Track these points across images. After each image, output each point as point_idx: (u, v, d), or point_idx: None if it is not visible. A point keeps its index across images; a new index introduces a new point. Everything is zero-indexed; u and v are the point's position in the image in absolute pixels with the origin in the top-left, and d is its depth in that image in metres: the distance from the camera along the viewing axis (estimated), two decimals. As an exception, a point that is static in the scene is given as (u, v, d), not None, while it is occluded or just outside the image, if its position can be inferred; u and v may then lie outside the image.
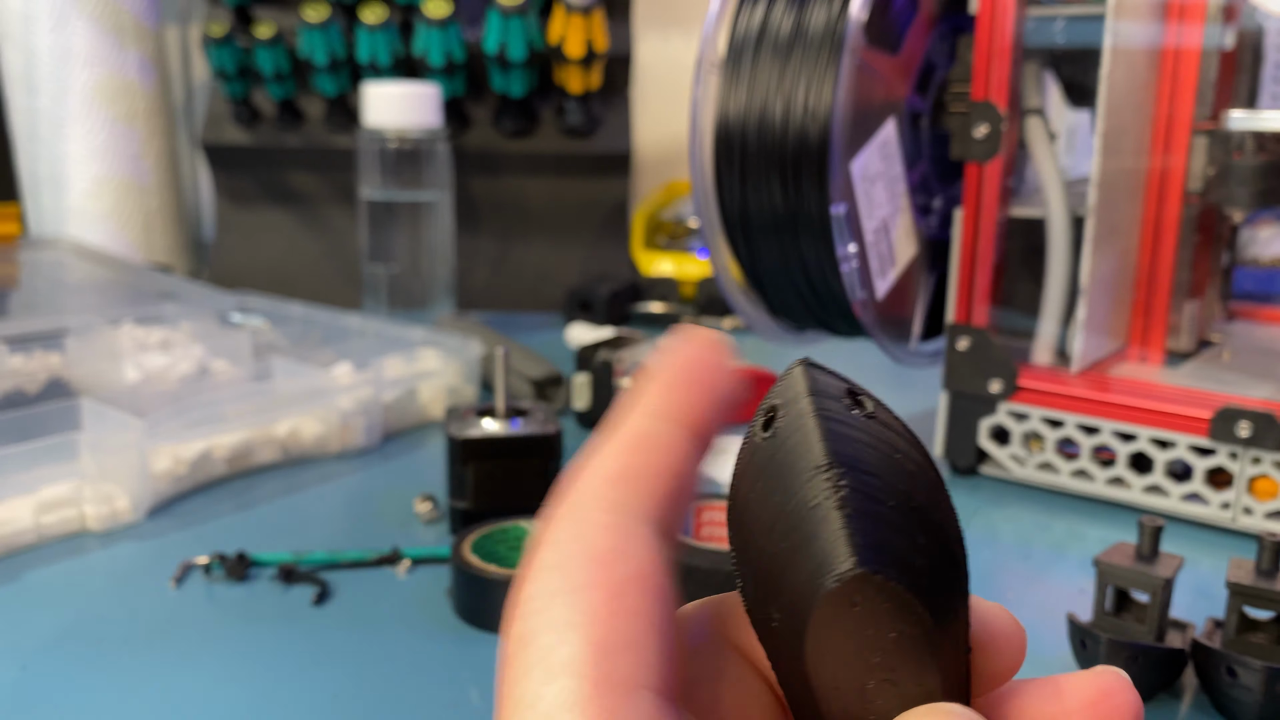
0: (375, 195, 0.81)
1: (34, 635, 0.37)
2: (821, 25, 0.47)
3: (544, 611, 0.15)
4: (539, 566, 0.16)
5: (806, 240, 0.49)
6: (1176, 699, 0.35)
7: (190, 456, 0.50)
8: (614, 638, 0.15)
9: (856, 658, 0.15)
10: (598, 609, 0.15)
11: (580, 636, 0.14)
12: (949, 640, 0.15)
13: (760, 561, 0.15)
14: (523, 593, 0.16)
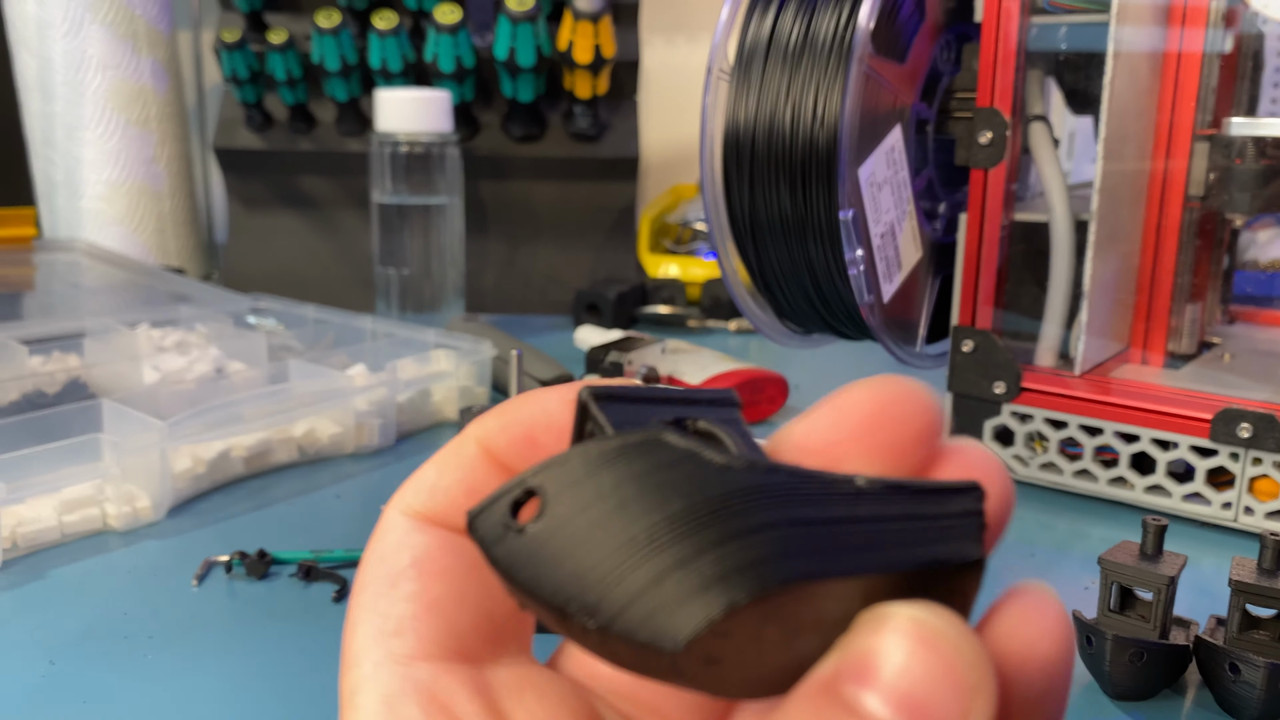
0: (387, 199, 0.82)
1: (61, 631, 0.38)
2: (830, 34, 0.48)
3: (350, 611, 0.18)
4: (358, 569, 0.18)
5: (814, 244, 0.50)
6: (1180, 695, 0.36)
7: (209, 456, 0.51)
8: (388, 625, 0.17)
9: (759, 660, 0.14)
10: (376, 602, 0.17)
11: (361, 630, 0.17)
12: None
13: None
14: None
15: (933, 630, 0.13)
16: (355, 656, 0.17)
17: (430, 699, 0.16)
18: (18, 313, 0.78)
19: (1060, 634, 0.15)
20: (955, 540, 0.15)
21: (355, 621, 0.17)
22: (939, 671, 0.12)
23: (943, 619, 0.13)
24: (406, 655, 0.16)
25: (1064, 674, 0.15)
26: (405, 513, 0.18)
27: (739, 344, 0.84)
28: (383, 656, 0.16)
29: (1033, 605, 0.16)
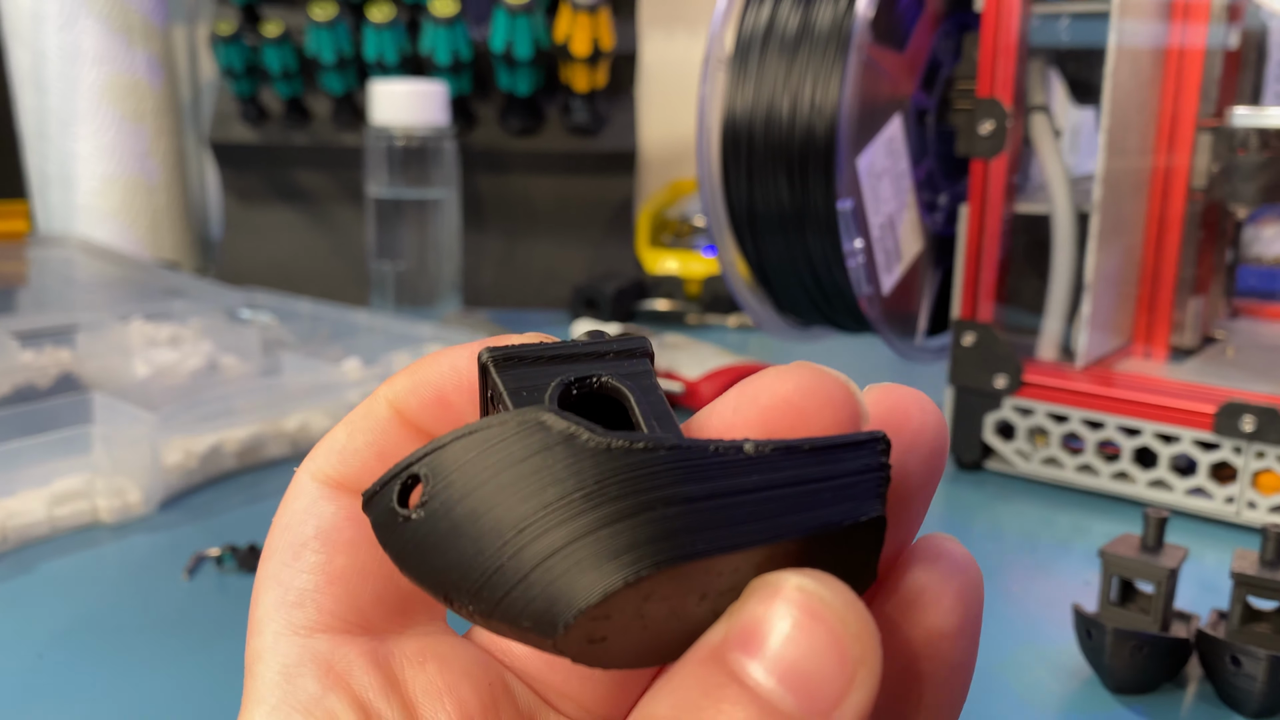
0: (383, 193, 0.81)
1: (50, 624, 0.38)
2: (828, 22, 0.48)
3: (257, 576, 0.17)
4: (268, 534, 0.18)
5: (813, 236, 0.49)
6: (1181, 688, 0.35)
7: (201, 450, 0.50)
8: (290, 595, 0.17)
9: (646, 637, 0.14)
10: (279, 572, 0.17)
11: (265, 599, 0.17)
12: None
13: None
14: None
15: (819, 600, 0.13)
16: (258, 624, 0.17)
17: (327, 671, 0.16)
18: (10, 307, 0.78)
19: (969, 599, 0.16)
20: (852, 500, 0.14)
21: (259, 589, 0.17)
22: (824, 643, 0.12)
23: (830, 589, 0.13)
24: (306, 627, 0.16)
25: (970, 639, 0.16)
26: (315, 477, 0.17)
27: (738, 340, 0.83)
28: (282, 627, 0.16)
29: (943, 567, 0.16)
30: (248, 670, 0.17)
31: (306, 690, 0.16)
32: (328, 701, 0.16)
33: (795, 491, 0.14)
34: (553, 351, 0.16)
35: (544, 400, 0.15)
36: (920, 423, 0.16)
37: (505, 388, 0.15)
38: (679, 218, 1.02)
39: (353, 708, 0.16)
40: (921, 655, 0.16)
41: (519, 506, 0.13)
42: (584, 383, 0.16)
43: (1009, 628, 0.39)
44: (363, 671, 0.16)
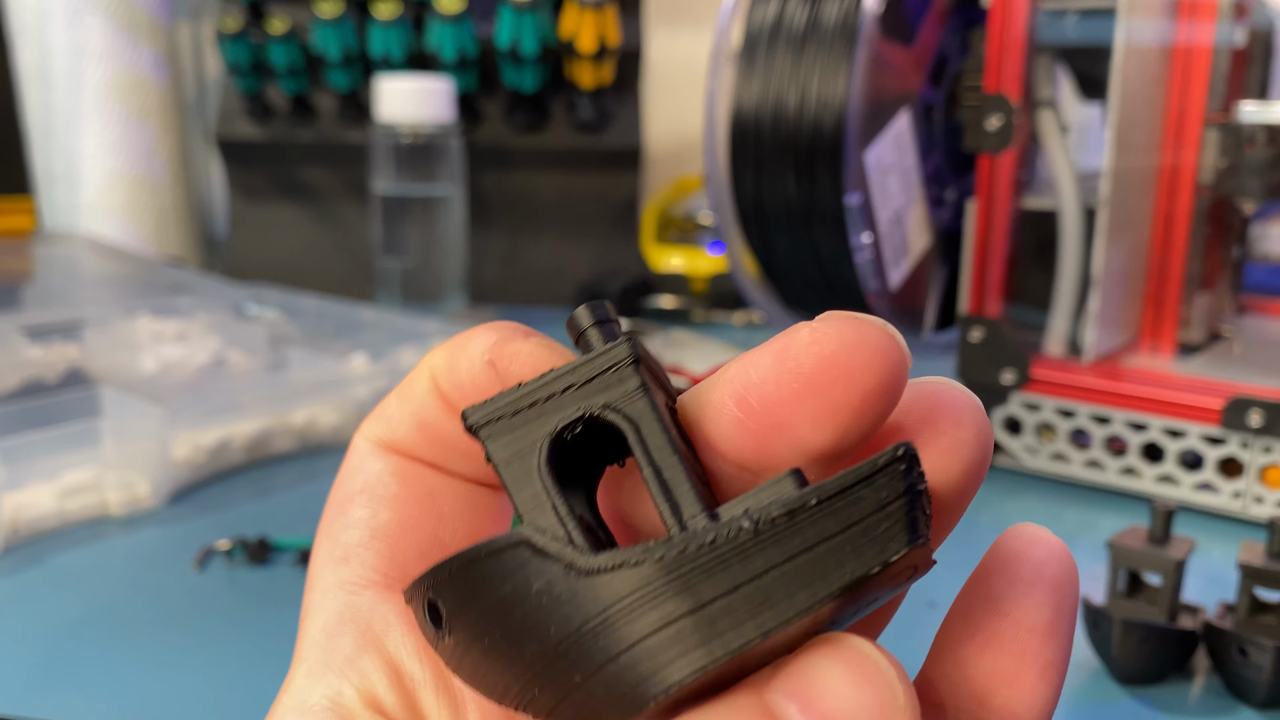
0: (389, 189, 0.81)
1: (61, 616, 0.38)
2: (836, 17, 0.48)
3: (316, 535, 0.18)
4: None
5: (821, 231, 0.49)
6: (1188, 679, 0.35)
7: (209, 444, 0.51)
8: (338, 550, 0.17)
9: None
10: (328, 528, 0.18)
11: (319, 554, 0.17)
12: None
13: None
14: None
15: (878, 674, 0.13)
16: (310, 580, 0.17)
17: (364, 630, 0.16)
18: (16, 303, 0.78)
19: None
20: (877, 542, 0.13)
21: (316, 544, 0.18)
22: (875, 712, 0.13)
23: (882, 657, 0.13)
24: (352, 582, 0.17)
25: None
26: (366, 438, 0.18)
27: (743, 337, 0.83)
28: (331, 583, 0.17)
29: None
30: (301, 623, 0.17)
31: (342, 650, 0.16)
32: (361, 662, 0.16)
33: (812, 556, 0.13)
34: (534, 396, 0.15)
35: (535, 464, 0.15)
36: (955, 433, 0.15)
37: (495, 459, 0.15)
38: (684, 215, 1.02)
39: (385, 669, 0.16)
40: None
41: (531, 646, 0.14)
42: (573, 427, 0.15)
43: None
44: (399, 632, 0.16)
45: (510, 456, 0.15)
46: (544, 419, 0.15)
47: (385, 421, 0.18)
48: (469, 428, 0.15)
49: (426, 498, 0.17)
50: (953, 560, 0.18)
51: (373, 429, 0.18)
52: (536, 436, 0.15)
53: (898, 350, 0.14)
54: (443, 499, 0.18)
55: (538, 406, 0.15)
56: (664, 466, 0.15)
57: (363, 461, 0.18)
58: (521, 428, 0.15)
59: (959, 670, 0.15)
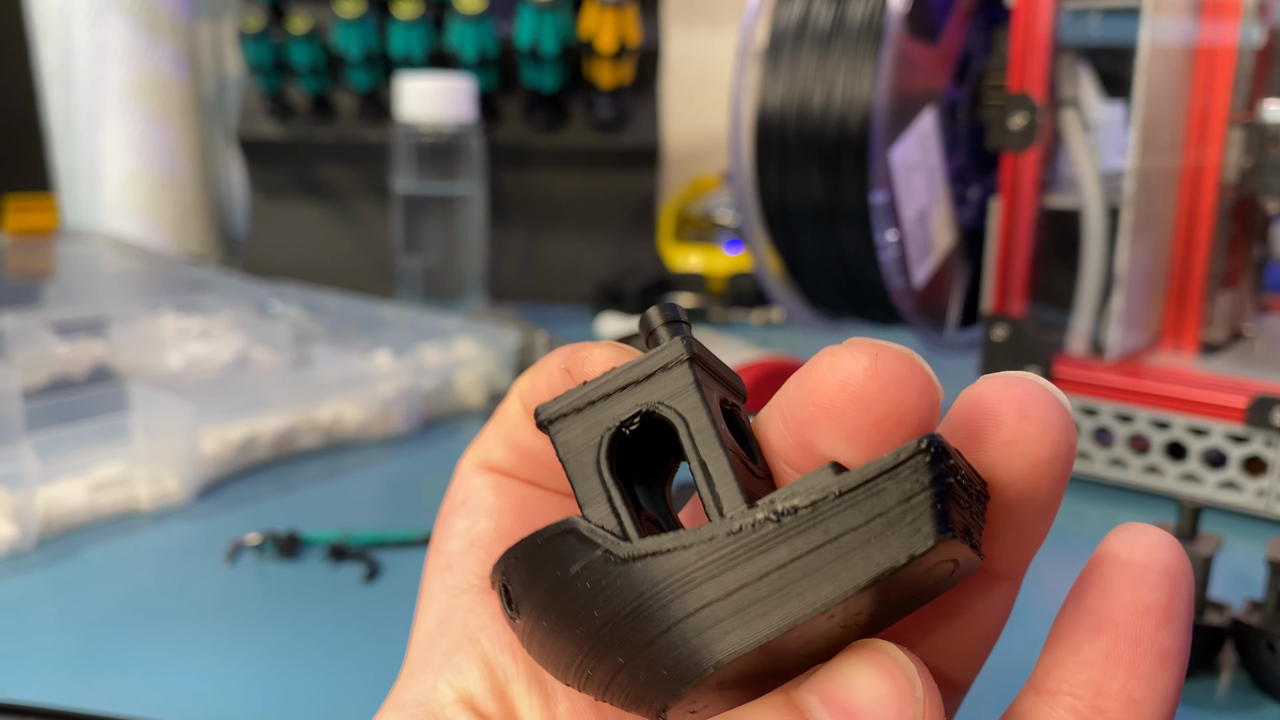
0: (409, 188, 0.82)
1: (93, 609, 0.38)
2: (862, 16, 0.48)
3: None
4: None
5: (846, 228, 0.49)
6: (1215, 676, 0.35)
7: (236, 440, 0.51)
8: (442, 558, 0.19)
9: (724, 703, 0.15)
10: (435, 539, 0.20)
11: (426, 568, 0.19)
12: None
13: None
14: None
15: (906, 681, 0.13)
16: (421, 590, 0.19)
17: (461, 630, 0.18)
18: (40, 301, 0.79)
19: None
20: (902, 534, 0.13)
21: (427, 555, 0.19)
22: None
23: (910, 663, 0.13)
24: (454, 588, 0.18)
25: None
26: (470, 462, 0.20)
27: (762, 335, 0.83)
28: (436, 589, 0.18)
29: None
30: (413, 625, 0.19)
31: (439, 649, 0.17)
32: (456, 659, 0.17)
33: (838, 547, 0.13)
34: (596, 393, 0.16)
35: (595, 457, 0.16)
36: (1017, 427, 0.14)
37: (561, 452, 0.16)
38: (702, 213, 1.02)
39: (479, 664, 0.17)
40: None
41: (579, 628, 0.14)
42: (630, 422, 0.16)
43: (1040, 619, 0.39)
44: (494, 630, 0.18)
45: (574, 450, 0.16)
46: (604, 414, 0.16)
47: (482, 445, 0.20)
48: (540, 423, 0.16)
49: (520, 507, 0.19)
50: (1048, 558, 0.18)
51: (473, 454, 0.20)
52: (597, 431, 0.16)
53: (916, 377, 0.14)
54: (535, 508, 0.19)
55: (599, 404, 0.16)
56: (709, 460, 0.15)
57: (464, 480, 0.20)
58: (585, 422, 0.16)
59: (1074, 656, 0.15)
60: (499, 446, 0.19)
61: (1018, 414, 0.14)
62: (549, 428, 0.16)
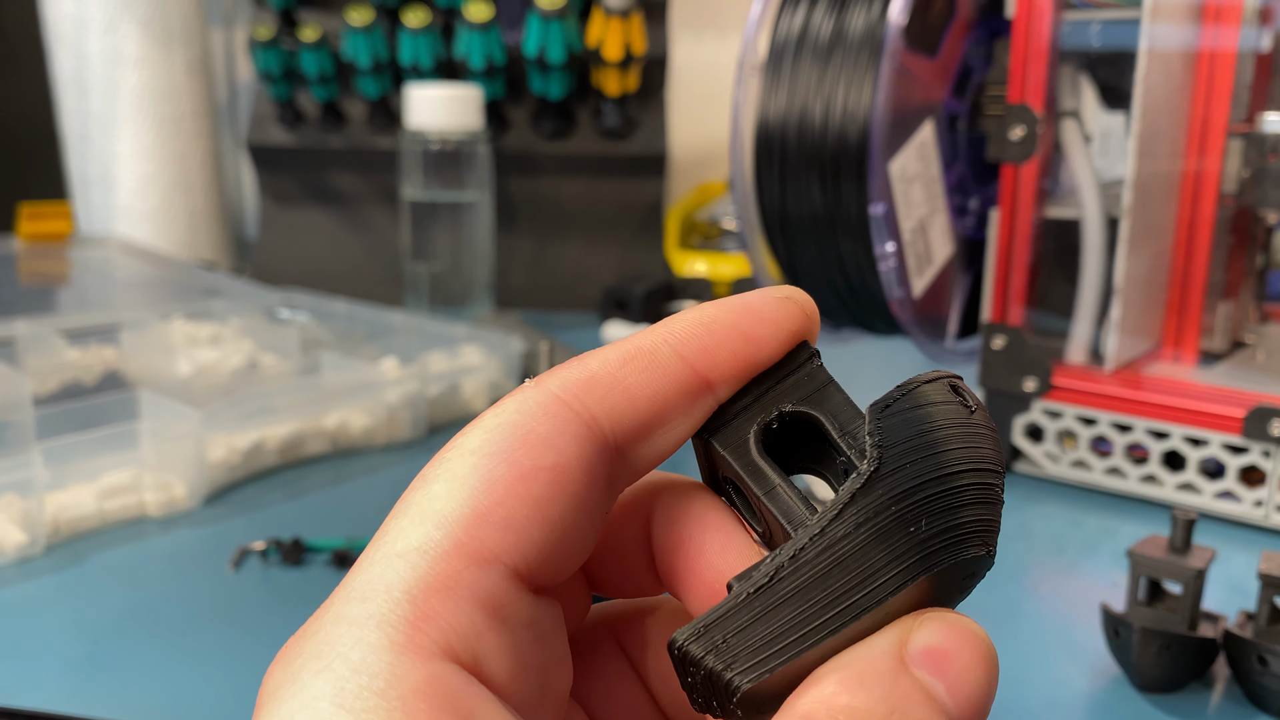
0: (417, 196, 0.82)
1: (101, 613, 0.39)
2: (861, 29, 0.49)
3: (452, 461, 0.16)
4: (477, 423, 0.16)
5: (845, 239, 0.50)
6: (1208, 688, 0.36)
7: (244, 446, 0.52)
8: (498, 512, 0.15)
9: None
10: (496, 480, 0.15)
11: (466, 496, 0.15)
12: None
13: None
14: (452, 440, 0.16)
15: (987, 646, 0.15)
16: (435, 514, 0.15)
17: (483, 604, 0.15)
18: (54, 306, 0.80)
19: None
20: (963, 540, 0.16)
21: (457, 479, 0.15)
22: (985, 681, 0.15)
23: (986, 638, 0.15)
24: (493, 555, 0.15)
25: None
26: (567, 401, 0.16)
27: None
28: (468, 539, 0.15)
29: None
30: (376, 548, 0.15)
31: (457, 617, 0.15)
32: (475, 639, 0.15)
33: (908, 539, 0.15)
34: (743, 401, 0.17)
35: (751, 448, 0.17)
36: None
37: (729, 458, 0.17)
38: (708, 220, 1.02)
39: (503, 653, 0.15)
40: None
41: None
42: (769, 423, 0.17)
43: (1037, 627, 0.40)
44: (521, 622, 0.16)
45: (730, 455, 0.17)
46: (751, 415, 0.17)
47: (603, 389, 0.16)
48: (704, 440, 0.17)
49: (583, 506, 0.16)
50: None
51: (584, 396, 0.16)
52: (747, 431, 0.17)
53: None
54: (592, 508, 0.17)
55: (747, 410, 0.17)
56: (849, 434, 0.17)
57: (564, 428, 0.16)
58: (735, 424, 0.17)
59: None
60: (631, 400, 0.16)
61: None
62: (713, 443, 0.17)
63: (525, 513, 0.15)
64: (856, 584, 0.15)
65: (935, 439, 0.15)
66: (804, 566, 0.15)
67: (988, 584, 0.42)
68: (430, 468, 0.16)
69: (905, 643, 0.15)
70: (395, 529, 0.15)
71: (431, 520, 0.15)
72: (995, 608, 0.40)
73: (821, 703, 0.14)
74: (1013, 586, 0.42)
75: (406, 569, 0.15)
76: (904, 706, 0.14)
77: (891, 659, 0.15)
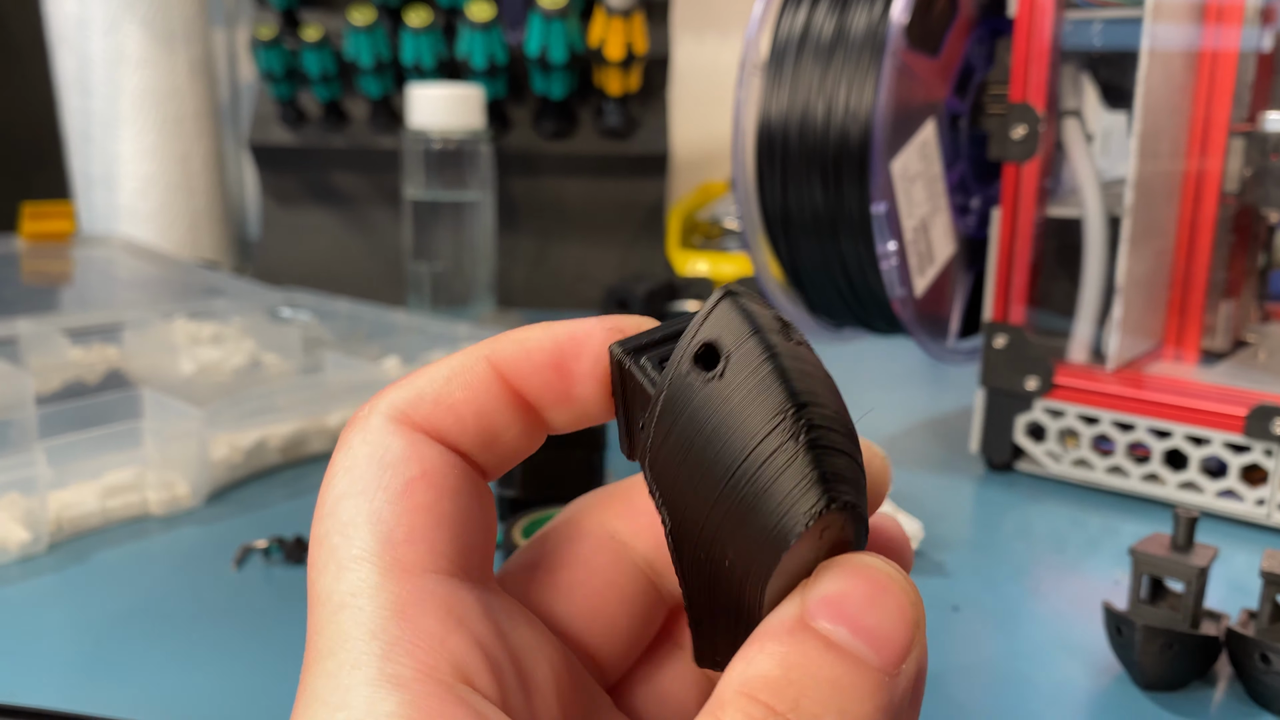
0: (420, 195, 0.82)
1: (103, 612, 0.39)
2: (863, 28, 0.49)
3: (334, 514, 0.16)
4: (334, 469, 0.17)
5: (847, 239, 0.50)
6: (1211, 686, 0.36)
7: (246, 445, 0.52)
8: (398, 532, 0.16)
9: (805, 570, 0.16)
10: (381, 508, 0.16)
11: (367, 533, 0.16)
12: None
13: (710, 507, 0.15)
14: (320, 496, 0.17)
15: (887, 575, 0.15)
16: (344, 563, 0.16)
17: (448, 612, 0.16)
18: (57, 306, 0.80)
19: None
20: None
21: (349, 522, 0.16)
22: (893, 608, 0.15)
23: (891, 566, 0.15)
24: (419, 566, 0.16)
25: None
26: (400, 420, 0.17)
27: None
28: (390, 563, 0.16)
29: None
30: (333, 605, 0.16)
31: (427, 629, 0.15)
32: (450, 642, 0.15)
33: (859, 475, 0.16)
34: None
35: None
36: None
37: (646, 370, 0.17)
38: (709, 219, 1.02)
39: (475, 649, 0.16)
40: None
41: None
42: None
43: (1040, 625, 0.40)
44: (477, 616, 0.16)
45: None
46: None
47: (430, 404, 0.17)
48: (619, 358, 0.17)
49: (477, 492, 0.17)
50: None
51: (408, 410, 0.17)
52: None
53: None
54: (475, 483, 0.18)
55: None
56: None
57: (414, 446, 0.17)
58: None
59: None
60: (455, 414, 0.17)
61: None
62: (629, 359, 0.17)
63: (422, 520, 0.16)
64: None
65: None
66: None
67: (989, 583, 0.42)
68: (317, 525, 0.17)
69: (805, 599, 0.15)
70: (323, 587, 0.16)
71: (353, 563, 0.16)
72: (997, 606, 0.40)
73: (729, 684, 0.15)
74: (1014, 585, 0.42)
75: (354, 614, 0.15)
76: (804, 662, 0.14)
77: (791, 619, 0.15)
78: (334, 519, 0.16)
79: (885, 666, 0.14)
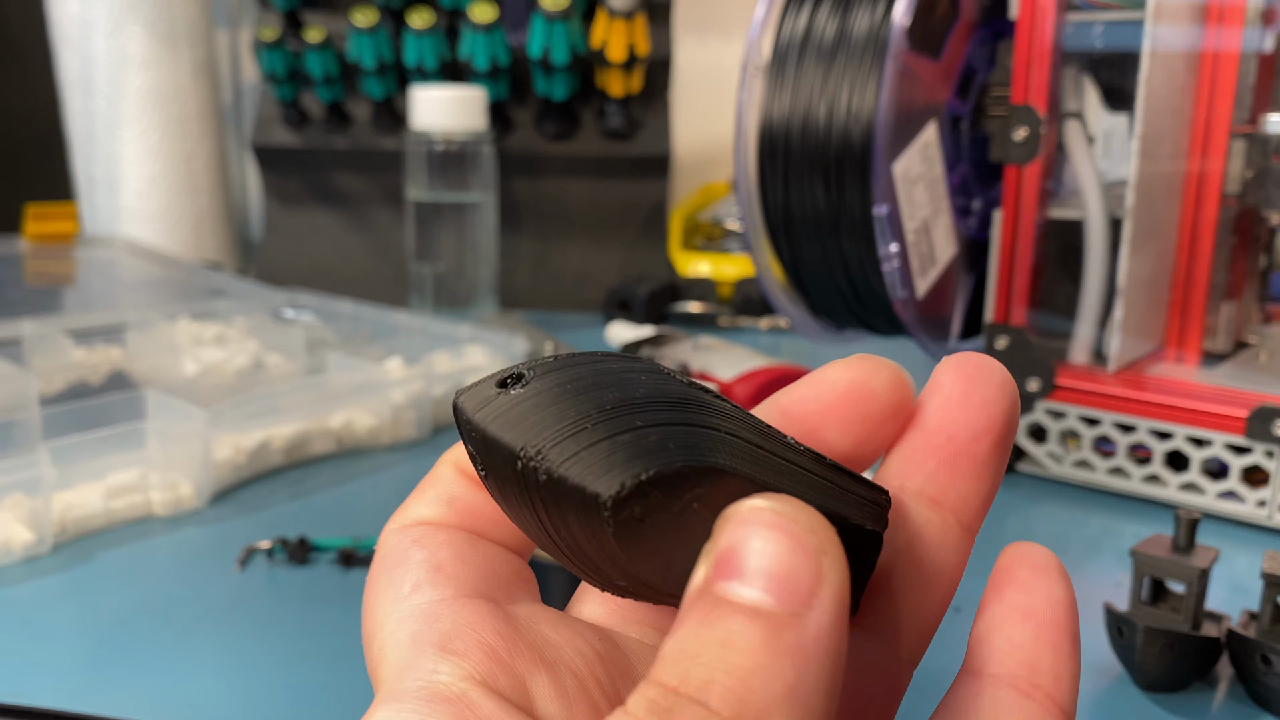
0: (422, 196, 0.82)
1: (107, 612, 0.39)
2: (865, 30, 0.49)
3: (366, 615, 0.19)
4: (392, 598, 0.19)
5: (849, 240, 0.50)
6: (1211, 687, 0.36)
7: (250, 446, 0.52)
8: (403, 590, 0.18)
9: (677, 540, 0.15)
10: (386, 587, 0.18)
11: (380, 611, 0.18)
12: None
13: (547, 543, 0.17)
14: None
15: (772, 513, 0.14)
16: (378, 625, 0.18)
17: (452, 625, 0.17)
18: (60, 307, 0.80)
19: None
20: (856, 507, 0.17)
21: (372, 610, 0.18)
22: (786, 545, 0.14)
23: (779, 500, 0.14)
24: (424, 604, 0.17)
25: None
26: (398, 525, 0.19)
27: (770, 342, 0.84)
28: (403, 613, 0.17)
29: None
30: (379, 676, 0.17)
31: (428, 643, 0.17)
32: (455, 644, 0.16)
33: (814, 479, 0.17)
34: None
35: None
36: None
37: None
38: (711, 221, 1.02)
39: (480, 648, 0.17)
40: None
41: (592, 399, 0.16)
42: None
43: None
44: (493, 627, 0.17)
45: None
46: None
47: (408, 510, 0.19)
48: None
49: (472, 542, 0.19)
50: (979, 568, 0.18)
51: (403, 520, 0.19)
52: None
53: (904, 382, 0.18)
54: (479, 547, 0.19)
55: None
56: None
57: (403, 533, 0.19)
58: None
59: (1008, 644, 0.17)
60: (431, 506, 0.19)
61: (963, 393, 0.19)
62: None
63: (423, 572, 0.18)
64: None
65: None
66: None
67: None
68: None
69: (702, 569, 0.14)
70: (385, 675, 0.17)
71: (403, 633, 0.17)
72: (998, 607, 0.40)
73: (655, 672, 0.14)
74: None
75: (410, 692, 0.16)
76: (697, 630, 0.14)
77: (697, 588, 0.14)
78: (367, 616, 0.18)
79: (787, 607, 0.13)
